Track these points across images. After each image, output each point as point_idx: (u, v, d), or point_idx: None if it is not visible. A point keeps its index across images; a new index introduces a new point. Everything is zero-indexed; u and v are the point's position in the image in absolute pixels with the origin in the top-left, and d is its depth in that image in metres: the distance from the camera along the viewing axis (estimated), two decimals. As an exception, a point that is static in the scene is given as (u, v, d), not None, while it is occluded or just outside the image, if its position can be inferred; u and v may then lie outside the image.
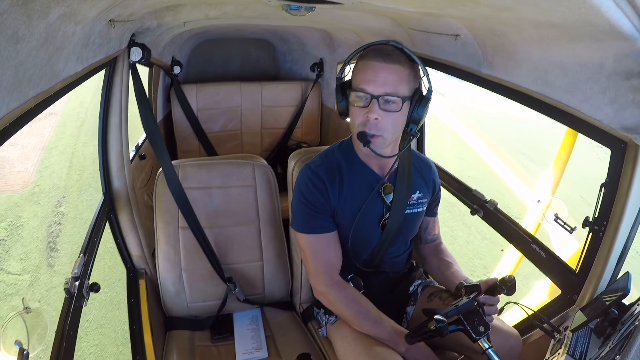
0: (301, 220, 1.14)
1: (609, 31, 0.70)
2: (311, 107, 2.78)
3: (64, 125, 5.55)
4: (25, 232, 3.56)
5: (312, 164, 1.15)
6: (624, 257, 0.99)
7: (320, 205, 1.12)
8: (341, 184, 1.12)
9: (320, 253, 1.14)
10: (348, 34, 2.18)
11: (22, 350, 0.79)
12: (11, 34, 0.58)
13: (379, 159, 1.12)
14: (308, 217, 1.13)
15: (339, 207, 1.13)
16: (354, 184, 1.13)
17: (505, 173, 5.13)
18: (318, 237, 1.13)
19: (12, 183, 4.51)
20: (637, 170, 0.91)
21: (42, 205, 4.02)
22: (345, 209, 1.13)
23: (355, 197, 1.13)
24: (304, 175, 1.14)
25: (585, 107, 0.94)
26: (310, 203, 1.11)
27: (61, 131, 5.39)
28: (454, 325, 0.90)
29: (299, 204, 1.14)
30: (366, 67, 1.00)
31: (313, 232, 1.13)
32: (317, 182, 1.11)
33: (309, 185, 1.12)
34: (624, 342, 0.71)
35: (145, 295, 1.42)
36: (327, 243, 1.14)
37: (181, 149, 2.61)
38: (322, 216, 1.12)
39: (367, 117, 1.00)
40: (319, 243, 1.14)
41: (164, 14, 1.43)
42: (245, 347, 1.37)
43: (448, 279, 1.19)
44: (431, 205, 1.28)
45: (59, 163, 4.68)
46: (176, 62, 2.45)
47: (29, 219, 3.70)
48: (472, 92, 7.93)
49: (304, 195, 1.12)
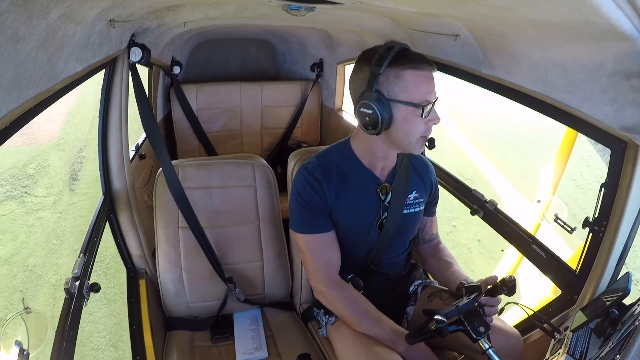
0: (299, 221, 1.15)
1: (609, 31, 0.70)
2: (311, 107, 2.78)
3: (84, 97, 6.32)
4: (51, 169, 4.69)
5: (309, 165, 1.15)
6: (624, 257, 0.99)
7: (316, 205, 1.12)
8: (338, 184, 1.12)
9: (319, 253, 1.14)
10: (348, 34, 2.18)
11: (22, 351, 0.79)
12: (11, 34, 0.58)
13: (380, 161, 1.13)
14: (305, 217, 1.13)
15: (335, 207, 1.13)
16: (351, 185, 1.13)
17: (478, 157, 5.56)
18: (316, 237, 1.13)
19: (39, 137, 5.58)
20: (637, 170, 0.91)
21: (67, 152, 5.11)
22: (342, 209, 1.13)
23: (352, 197, 1.13)
24: (301, 176, 1.14)
25: (585, 107, 0.94)
26: (307, 203, 1.12)
27: (83, 101, 6.20)
28: (454, 326, 0.90)
29: (296, 205, 1.14)
30: (424, 78, 0.99)
31: (311, 232, 1.13)
32: (313, 182, 1.11)
33: (305, 186, 1.12)
34: (624, 342, 0.71)
35: (145, 295, 1.42)
36: (325, 243, 1.14)
37: (181, 149, 2.61)
38: (319, 216, 1.13)
39: (430, 125, 1.03)
40: (317, 243, 1.14)
41: (164, 14, 1.43)
42: (245, 347, 1.37)
43: (448, 279, 1.19)
44: (429, 205, 1.28)
45: (81, 123, 5.61)
46: (176, 62, 2.45)
47: (54, 161, 4.80)
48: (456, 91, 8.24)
49: (300, 195, 1.13)
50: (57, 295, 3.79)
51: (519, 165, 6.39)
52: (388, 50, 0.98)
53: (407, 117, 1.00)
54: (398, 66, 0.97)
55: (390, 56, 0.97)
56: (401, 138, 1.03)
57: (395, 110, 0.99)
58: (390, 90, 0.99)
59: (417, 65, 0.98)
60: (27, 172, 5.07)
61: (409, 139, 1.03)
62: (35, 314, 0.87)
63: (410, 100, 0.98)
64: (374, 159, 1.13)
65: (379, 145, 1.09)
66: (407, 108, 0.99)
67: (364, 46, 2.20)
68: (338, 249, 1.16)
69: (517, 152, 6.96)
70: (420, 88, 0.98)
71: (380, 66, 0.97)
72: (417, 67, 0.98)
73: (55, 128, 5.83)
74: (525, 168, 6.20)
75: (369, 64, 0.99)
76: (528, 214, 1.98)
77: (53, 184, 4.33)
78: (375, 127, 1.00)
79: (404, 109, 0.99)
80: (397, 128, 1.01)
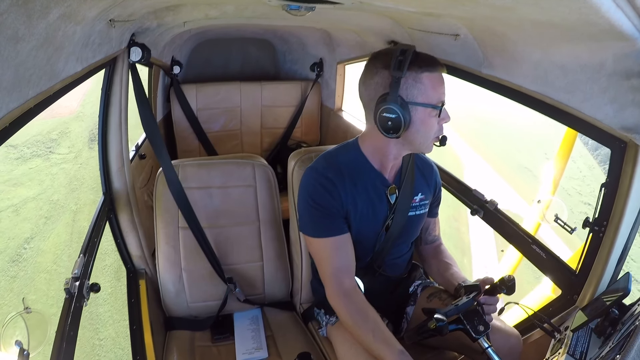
0: (311, 224, 1.11)
1: (609, 31, 0.70)
2: (311, 107, 2.78)
3: (98, 81, 7.53)
4: (72, 134, 5.92)
5: (318, 166, 1.12)
6: (624, 258, 0.99)
7: (331, 207, 1.09)
8: (350, 186, 1.10)
9: (331, 258, 1.10)
10: (348, 33, 2.18)
11: (22, 351, 0.79)
12: (11, 34, 0.58)
13: (391, 162, 1.12)
14: (319, 220, 1.10)
15: (351, 209, 1.11)
16: (362, 187, 1.11)
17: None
18: (329, 241, 1.10)
19: (60, 112, 6.55)
20: (637, 170, 0.91)
21: (85, 122, 6.20)
22: (355, 212, 1.11)
23: (364, 200, 1.12)
24: (311, 177, 1.11)
25: (585, 107, 0.94)
26: (320, 205, 1.08)
27: (96, 84, 7.31)
28: (453, 325, 0.90)
29: (307, 207, 1.10)
30: (439, 80, 1.01)
31: (324, 235, 1.09)
32: (327, 183, 1.08)
33: (317, 188, 1.09)
34: (624, 342, 0.71)
35: (145, 295, 1.42)
36: (340, 246, 1.11)
37: (181, 148, 2.61)
38: (335, 217, 1.10)
39: (442, 124, 1.04)
40: (330, 247, 1.10)
41: (164, 13, 1.43)
42: (245, 347, 1.37)
43: (447, 280, 1.19)
44: (432, 206, 1.28)
45: (97, 101, 6.57)
46: (176, 62, 2.45)
47: (75, 128, 5.96)
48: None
49: (312, 198, 1.09)
50: (77, 217, 5.08)
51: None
52: (403, 53, 0.98)
53: (424, 119, 1.00)
54: (416, 69, 0.98)
55: (408, 60, 0.97)
56: (419, 140, 1.04)
57: (413, 113, 0.99)
58: (409, 93, 0.99)
59: (432, 68, 0.99)
60: (50, 137, 6.41)
61: (426, 140, 1.04)
62: (35, 314, 0.87)
63: (429, 102, 0.99)
64: (386, 161, 1.11)
65: (392, 147, 1.08)
66: (425, 110, 0.99)
67: (364, 46, 2.23)
68: (352, 251, 1.13)
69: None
70: (436, 90, 1.00)
71: (401, 70, 0.96)
72: (433, 69, 0.99)
73: (74, 104, 6.90)
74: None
75: (386, 68, 0.99)
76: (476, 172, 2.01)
77: (74, 144, 5.53)
78: (397, 131, 0.99)
79: (422, 111, 0.99)
80: (416, 130, 1.01)
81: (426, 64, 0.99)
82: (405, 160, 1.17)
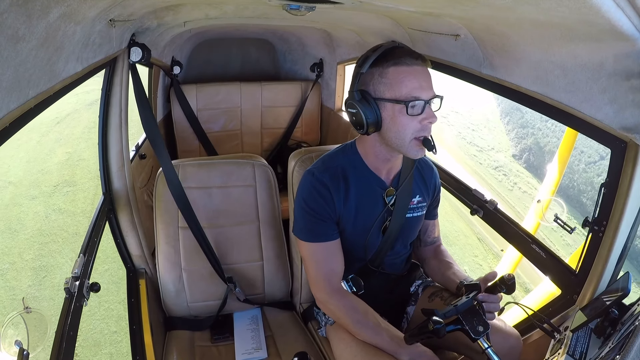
0: (304, 228, 1.12)
1: (609, 31, 0.70)
2: (311, 107, 2.78)
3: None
4: (86, 113, 6.84)
5: (315, 170, 1.12)
6: (624, 257, 0.99)
7: (324, 213, 1.09)
8: (346, 190, 1.10)
9: (322, 262, 1.11)
10: (348, 33, 2.18)
11: (22, 351, 0.79)
12: (11, 34, 0.58)
13: (385, 164, 1.11)
14: (311, 225, 1.10)
15: (344, 214, 1.11)
16: (358, 189, 1.11)
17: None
18: (321, 246, 1.11)
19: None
20: (637, 170, 0.91)
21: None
22: (348, 214, 1.12)
23: (358, 201, 1.12)
24: (307, 182, 1.11)
25: (585, 107, 0.94)
26: (313, 211, 1.09)
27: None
28: (452, 325, 0.89)
29: (301, 212, 1.11)
30: (409, 74, 0.95)
31: (316, 240, 1.11)
32: (322, 189, 1.08)
33: (312, 193, 1.09)
34: (624, 342, 0.71)
35: (145, 295, 1.41)
36: (330, 251, 1.12)
37: (181, 148, 2.61)
38: (326, 224, 1.10)
39: (425, 123, 0.98)
40: (321, 252, 1.11)
41: (164, 13, 1.43)
42: (245, 347, 1.37)
43: (448, 279, 1.19)
44: (430, 208, 1.28)
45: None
46: (176, 62, 2.45)
47: (87, 117, 6.77)
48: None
49: (307, 202, 1.09)
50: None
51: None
52: (375, 50, 0.98)
53: (394, 115, 0.98)
54: (383, 64, 0.97)
55: (375, 55, 0.96)
56: (393, 138, 1.01)
57: (382, 110, 0.98)
58: (376, 89, 0.98)
59: (400, 61, 0.95)
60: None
61: (401, 139, 1.00)
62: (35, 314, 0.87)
63: (395, 97, 0.96)
64: (379, 162, 1.11)
65: (379, 148, 1.08)
66: (392, 106, 0.97)
67: (364, 46, 2.23)
68: (342, 256, 1.14)
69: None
70: (403, 83, 0.95)
71: (363, 66, 0.97)
72: (401, 62, 0.95)
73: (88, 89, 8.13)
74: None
75: (357, 65, 1.00)
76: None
77: (89, 120, 6.74)
78: (362, 127, 1.00)
79: (390, 106, 0.98)
80: (388, 128, 1.00)
81: (394, 57, 0.96)
82: (406, 163, 1.17)
